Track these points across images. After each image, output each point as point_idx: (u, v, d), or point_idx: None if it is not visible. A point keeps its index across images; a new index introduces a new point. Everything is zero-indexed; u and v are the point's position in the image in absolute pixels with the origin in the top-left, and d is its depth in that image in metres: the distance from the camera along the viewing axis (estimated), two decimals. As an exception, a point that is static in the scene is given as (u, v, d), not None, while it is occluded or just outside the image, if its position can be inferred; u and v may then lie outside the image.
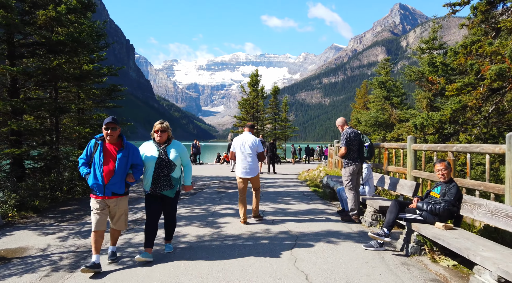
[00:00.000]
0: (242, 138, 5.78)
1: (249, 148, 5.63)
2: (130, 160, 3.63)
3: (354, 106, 38.11)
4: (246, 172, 5.63)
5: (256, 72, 30.74)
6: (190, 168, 4.24)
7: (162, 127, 3.93)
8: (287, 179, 13.12)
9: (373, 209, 5.47)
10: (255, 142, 5.69)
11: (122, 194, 3.68)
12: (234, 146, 5.82)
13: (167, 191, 3.88)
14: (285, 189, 9.83)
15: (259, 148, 5.73)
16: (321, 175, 12.53)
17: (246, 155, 5.63)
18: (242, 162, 5.66)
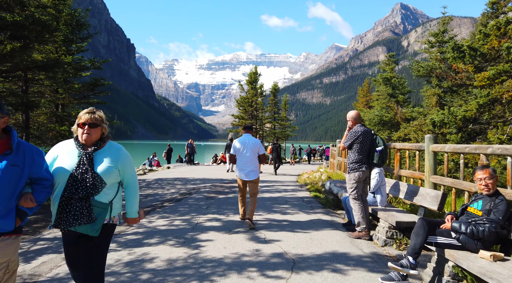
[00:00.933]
0: (243, 141, 5.66)
1: (250, 150, 5.53)
2: (26, 171, 2.08)
3: (356, 105, 37.04)
4: (248, 175, 5.52)
5: (255, 69, 29.72)
6: (136, 189, 2.56)
7: (90, 118, 2.30)
8: (286, 182, 12.12)
9: (388, 224, 4.46)
10: (256, 144, 5.58)
11: (8, 231, 2.04)
12: (235, 148, 5.67)
13: (83, 226, 2.16)
14: (282, 194, 8.82)
15: (261, 149, 5.62)
16: (322, 178, 11.52)
17: (247, 157, 5.53)
18: (243, 165, 5.55)
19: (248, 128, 5.94)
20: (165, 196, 8.56)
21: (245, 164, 5.54)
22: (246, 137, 5.72)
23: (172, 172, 15.83)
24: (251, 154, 5.54)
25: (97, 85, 11.10)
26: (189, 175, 14.43)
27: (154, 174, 14.90)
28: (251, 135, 5.85)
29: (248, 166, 5.53)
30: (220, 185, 10.79)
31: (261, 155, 5.65)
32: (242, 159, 5.58)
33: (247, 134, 5.81)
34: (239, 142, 5.69)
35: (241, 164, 5.59)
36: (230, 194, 8.75)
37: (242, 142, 5.65)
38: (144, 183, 11.56)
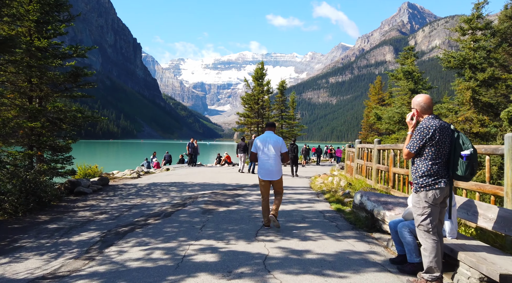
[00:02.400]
0: (264, 138, 5.43)
1: (272, 148, 5.32)
2: None
3: (367, 103, 35.29)
4: (269, 174, 5.30)
5: (262, 65, 28.07)
6: None
7: None
8: (298, 188, 10.48)
9: (479, 275, 2.82)
10: (278, 142, 5.38)
11: None
12: (256, 146, 5.45)
13: None
14: (297, 206, 7.19)
15: (283, 148, 5.40)
16: (341, 185, 9.87)
17: (269, 156, 5.32)
18: (264, 164, 5.32)
19: (271, 126, 5.67)
20: (153, 208, 6.98)
21: (268, 163, 5.29)
22: (268, 135, 5.45)
23: (170, 175, 14.28)
24: (273, 152, 5.30)
25: (79, 75, 9.55)
26: (187, 178, 12.86)
27: (149, 177, 13.35)
28: (273, 133, 5.58)
29: (271, 165, 5.28)
30: (221, 192, 9.19)
31: (283, 153, 5.39)
32: (264, 157, 5.33)
33: (269, 131, 5.54)
34: (260, 140, 5.44)
35: (263, 163, 5.33)
36: (232, 206, 7.14)
37: (264, 140, 5.40)
38: (134, 189, 10.00)
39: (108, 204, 7.61)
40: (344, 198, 7.68)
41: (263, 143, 5.40)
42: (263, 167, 5.32)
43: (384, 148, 8.31)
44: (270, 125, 5.70)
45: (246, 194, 8.93)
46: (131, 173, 13.86)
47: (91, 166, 12.63)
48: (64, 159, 10.11)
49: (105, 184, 10.93)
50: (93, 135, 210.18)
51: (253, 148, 5.52)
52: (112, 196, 8.89)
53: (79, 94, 10.30)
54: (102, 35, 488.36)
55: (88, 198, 8.55)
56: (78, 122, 10.06)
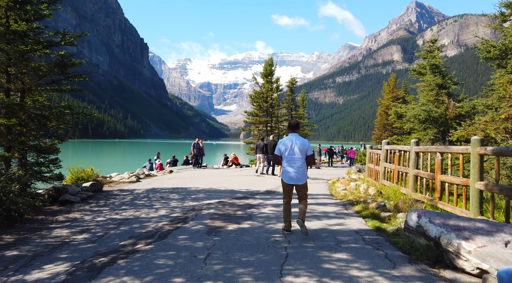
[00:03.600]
0: (289, 140, 5.17)
1: (298, 150, 5.07)
2: None
3: (381, 102, 33.74)
4: (294, 178, 5.04)
5: (271, 61, 26.66)
6: None
7: None
8: (318, 196, 9.08)
9: None
10: (305, 144, 5.12)
11: None
12: (280, 149, 5.17)
13: None
14: (324, 223, 5.80)
15: (309, 150, 5.17)
16: (369, 193, 8.45)
17: (294, 159, 5.07)
18: (290, 167, 5.07)
19: (295, 127, 5.34)
20: (147, 225, 5.66)
21: (292, 166, 5.08)
22: (293, 137, 5.22)
23: (172, 179, 12.97)
24: (299, 155, 5.09)
25: (66, 65, 8.26)
26: (191, 183, 11.53)
27: (149, 181, 12.06)
28: (298, 134, 5.33)
29: (296, 169, 5.06)
30: (230, 202, 7.82)
31: (309, 156, 5.21)
32: (288, 160, 5.12)
33: (294, 134, 5.29)
34: (285, 142, 5.21)
35: (288, 167, 5.12)
36: (244, 223, 5.78)
37: (289, 142, 5.17)
38: (129, 197, 8.70)
39: (94, 218, 6.30)
40: (380, 211, 6.28)
41: (288, 145, 5.13)
42: (288, 170, 5.08)
43: (427, 150, 6.90)
44: (294, 127, 5.31)
45: (259, 204, 7.57)
46: (130, 176, 12.59)
47: (84, 169, 11.37)
48: (50, 162, 8.85)
49: (97, 189, 9.66)
50: (100, 135, 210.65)
51: (277, 151, 5.22)
52: (103, 205, 7.60)
53: (68, 88, 9.02)
54: (109, 35, 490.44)
55: (73, 208, 7.26)
56: (66, 119, 8.79)
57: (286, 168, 5.12)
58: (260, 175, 14.75)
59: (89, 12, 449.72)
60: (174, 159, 21.49)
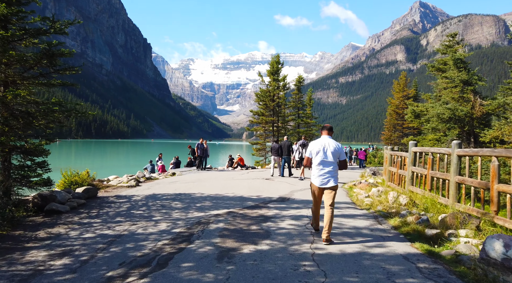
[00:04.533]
0: (321, 143, 5.00)
1: (331, 154, 4.91)
2: None
3: (391, 101, 32.60)
4: (325, 182, 4.90)
5: (277, 58, 25.61)
6: None
7: None
8: (340, 204, 7.96)
9: None
10: (338, 148, 4.97)
11: None
12: (312, 152, 5.05)
13: None
14: (362, 246, 4.70)
15: (342, 155, 5.01)
16: (400, 201, 7.37)
17: (327, 162, 4.92)
18: (320, 170, 4.95)
19: (329, 129, 5.17)
20: (143, 245, 4.62)
21: (324, 170, 4.91)
22: (326, 140, 5.02)
23: (175, 183, 11.94)
24: (331, 159, 4.90)
25: (54, 55, 7.25)
26: (196, 188, 10.50)
27: (150, 186, 11.03)
28: (331, 137, 5.12)
29: (327, 172, 4.91)
30: (241, 213, 6.77)
31: (342, 161, 5.05)
32: (320, 163, 4.93)
33: (327, 136, 5.10)
34: (317, 144, 5.01)
35: (318, 169, 4.95)
36: (262, 243, 4.72)
37: (322, 144, 4.97)
38: (127, 205, 7.67)
39: (82, 233, 5.28)
40: (424, 227, 5.21)
41: (320, 147, 4.97)
42: (319, 173, 4.96)
43: (476, 154, 5.82)
44: (328, 129, 5.19)
45: (275, 216, 6.52)
46: (129, 179, 11.57)
47: (78, 172, 10.36)
48: (38, 165, 7.84)
49: (91, 196, 8.65)
50: (103, 135, 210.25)
51: (308, 152, 5.11)
52: (95, 216, 6.58)
53: (58, 82, 8.01)
54: (113, 35, 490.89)
55: (60, 219, 6.26)
56: (56, 117, 7.77)
57: (317, 171, 4.98)
58: (269, 178, 13.72)
59: (92, 12, 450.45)
60: (177, 160, 20.48)
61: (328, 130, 5.16)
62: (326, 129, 5.17)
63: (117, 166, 36.99)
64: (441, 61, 16.34)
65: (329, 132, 5.15)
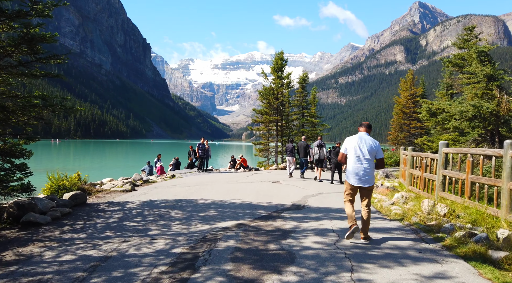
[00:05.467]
0: (358, 139, 4.82)
1: (367, 152, 4.70)
2: None
3: (397, 100, 31.60)
4: (361, 180, 4.72)
5: (281, 55, 24.55)
6: None
7: None
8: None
9: None
10: (375, 145, 4.76)
11: None
12: (347, 148, 4.85)
13: None
14: (413, 271, 3.65)
15: (379, 153, 4.79)
16: (438, 211, 6.32)
17: (363, 160, 4.71)
18: (356, 168, 4.74)
19: (367, 126, 4.96)
20: (134, 274, 3.57)
21: (360, 167, 4.71)
22: (363, 136, 4.82)
23: (175, 186, 10.89)
24: (368, 157, 4.69)
25: (34, 39, 6.21)
26: (198, 192, 9.45)
27: (146, 190, 9.98)
28: (369, 134, 4.89)
29: (363, 170, 4.69)
30: (254, 226, 5.71)
31: (379, 159, 4.81)
32: (356, 161, 4.73)
33: (365, 133, 4.88)
34: (353, 141, 4.84)
35: (354, 167, 4.75)
36: (288, 271, 3.66)
37: (358, 141, 4.79)
38: (119, 214, 6.63)
39: (59, 255, 4.24)
40: (486, 248, 4.18)
41: (357, 144, 4.79)
42: (354, 171, 4.75)
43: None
44: (366, 126, 5.01)
45: (295, 229, 5.48)
46: (124, 183, 10.51)
47: (67, 176, 9.31)
48: (18, 168, 6.80)
49: (79, 203, 7.60)
50: (102, 135, 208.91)
51: (343, 149, 4.93)
52: (80, 229, 5.54)
53: (41, 72, 6.97)
54: (112, 35, 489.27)
55: (37, 234, 5.21)
56: (38, 113, 6.74)
57: (352, 169, 4.77)
58: (277, 181, 12.70)
59: (92, 12, 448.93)
60: (177, 161, 19.43)
61: (366, 127, 4.95)
62: (364, 126, 4.97)
63: (114, 167, 35.94)
64: (459, 55, 15.31)
65: (367, 129, 4.94)
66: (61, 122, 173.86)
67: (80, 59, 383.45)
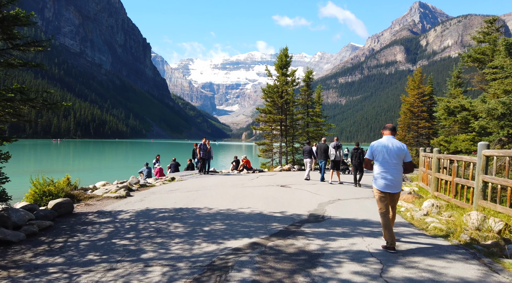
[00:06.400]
0: (384, 143, 4.63)
1: (396, 155, 4.52)
2: None
3: (404, 99, 30.57)
4: (390, 186, 4.51)
5: (286, 51, 23.50)
6: None
7: None
8: (396, 225, 5.95)
9: None
10: (402, 149, 4.56)
11: None
12: (373, 153, 4.64)
13: None
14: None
15: (407, 156, 4.60)
16: (491, 226, 5.29)
17: (391, 164, 4.52)
18: (384, 173, 4.54)
19: (392, 129, 4.77)
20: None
21: (387, 173, 4.51)
22: (389, 140, 4.65)
23: (175, 192, 9.87)
24: (396, 161, 4.52)
25: (6, 19, 5.19)
26: (201, 199, 8.42)
27: (143, 196, 8.95)
28: (394, 137, 4.75)
29: (391, 175, 4.49)
30: (272, 246, 4.67)
31: (407, 163, 4.64)
32: (383, 166, 4.54)
33: (390, 136, 4.71)
34: (379, 145, 4.63)
35: (381, 172, 4.55)
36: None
37: (384, 145, 4.60)
38: (108, 229, 5.60)
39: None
40: None
41: (383, 148, 4.57)
42: (384, 177, 4.52)
43: None
44: (391, 129, 4.75)
45: (323, 251, 4.44)
46: (119, 188, 9.47)
47: (53, 181, 8.27)
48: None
49: (64, 213, 6.58)
50: (102, 135, 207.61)
51: (369, 154, 4.66)
52: (57, 250, 4.51)
53: (19, 62, 5.95)
54: (112, 35, 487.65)
55: (3, 258, 4.19)
56: (12, 108, 5.73)
57: (380, 174, 4.58)
58: (285, 185, 11.69)
59: (92, 11, 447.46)
60: (175, 162, 18.37)
61: (391, 130, 4.77)
62: (388, 129, 4.79)
63: (112, 168, 34.90)
64: (479, 50, 14.31)
65: (392, 132, 4.76)
66: (61, 122, 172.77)
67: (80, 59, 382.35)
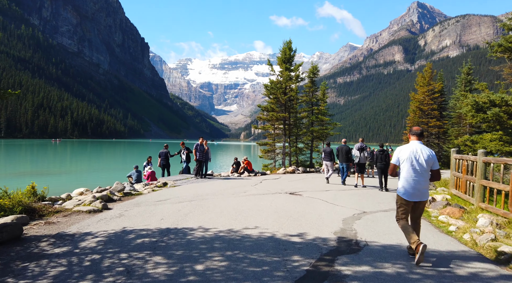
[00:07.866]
0: (412, 149, 4.33)
1: (424, 162, 4.22)
2: None
3: (414, 97, 28.95)
4: (417, 194, 4.24)
5: (289, 44, 21.78)
6: None
7: None
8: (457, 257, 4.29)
9: None
10: (432, 155, 4.28)
11: None
12: (400, 159, 4.35)
13: None
14: None
15: (435, 164, 4.31)
16: None
17: (419, 172, 4.23)
18: (411, 181, 4.26)
19: (420, 135, 4.44)
20: None
21: (414, 180, 4.24)
22: (417, 145, 4.36)
23: (164, 203, 8.14)
24: (425, 168, 4.23)
25: None
26: (194, 214, 6.70)
27: (123, 209, 7.23)
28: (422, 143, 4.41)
29: (419, 183, 4.24)
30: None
31: (435, 171, 4.32)
32: (412, 173, 4.26)
33: (418, 142, 4.41)
34: (406, 150, 4.33)
35: (408, 180, 4.27)
36: None
37: (412, 151, 4.31)
38: (57, 269, 3.87)
39: None
40: None
41: (411, 154, 4.29)
42: (411, 185, 4.25)
43: None
44: (418, 134, 4.43)
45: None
46: (95, 198, 7.74)
47: (8, 192, 6.57)
48: None
49: (8, 239, 4.86)
50: (100, 135, 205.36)
51: (395, 160, 4.39)
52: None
53: None
54: (110, 34, 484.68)
55: None
56: None
57: (407, 182, 4.26)
58: (295, 193, 10.01)
59: (90, 11, 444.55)
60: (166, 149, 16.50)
61: (418, 136, 4.42)
62: (416, 135, 4.44)
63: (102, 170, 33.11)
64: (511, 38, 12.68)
65: (419, 138, 4.42)
66: (58, 121, 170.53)
67: (78, 59, 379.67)
